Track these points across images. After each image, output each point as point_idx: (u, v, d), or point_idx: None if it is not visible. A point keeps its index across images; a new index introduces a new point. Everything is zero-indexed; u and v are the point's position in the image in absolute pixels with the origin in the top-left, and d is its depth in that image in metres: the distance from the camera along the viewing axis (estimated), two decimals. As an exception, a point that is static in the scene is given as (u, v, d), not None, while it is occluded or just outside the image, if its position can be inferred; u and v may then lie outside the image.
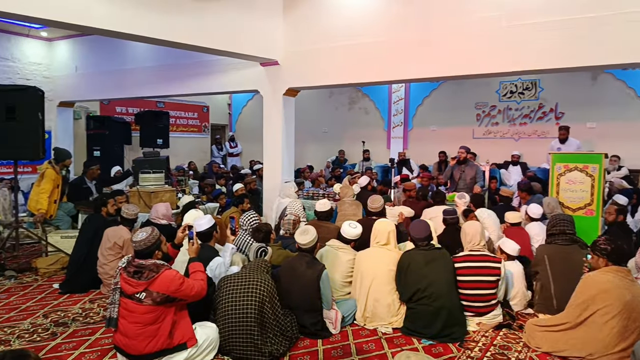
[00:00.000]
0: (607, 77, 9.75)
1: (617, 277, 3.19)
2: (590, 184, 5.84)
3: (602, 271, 3.28)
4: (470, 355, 3.40)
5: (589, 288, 3.23)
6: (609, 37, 4.91)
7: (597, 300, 3.17)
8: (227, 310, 3.29)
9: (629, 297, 3.12)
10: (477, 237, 3.96)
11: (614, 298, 3.12)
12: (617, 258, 3.28)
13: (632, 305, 3.12)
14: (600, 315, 3.15)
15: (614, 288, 3.14)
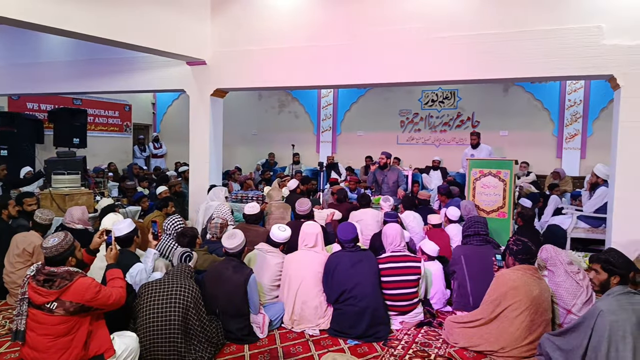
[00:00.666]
0: (517, 90, 10.56)
1: (525, 274, 3.46)
2: (503, 188, 6.28)
3: (513, 269, 3.54)
4: (393, 354, 3.52)
5: (501, 285, 3.48)
6: (514, 52, 5.33)
7: (508, 297, 3.41)
8: (148, 318, 3.15)
9: (536, 292, 3.39)
10: (397, 238, 4.12)
11: (522, 294, 3.37)
12: (523, 257, 3.55)
13: (539, 301, 3.39)
14: (511, 311, 3.39)
15: (523, 285, 3.40)
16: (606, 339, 2.76)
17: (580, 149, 10.08)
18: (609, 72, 5.00)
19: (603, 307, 2.83)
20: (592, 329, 2.84)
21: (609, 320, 2.77)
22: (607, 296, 2.94)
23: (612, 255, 3.05)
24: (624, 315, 2.77)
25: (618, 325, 2.76)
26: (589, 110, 10.01)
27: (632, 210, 4.94)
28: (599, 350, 2.79)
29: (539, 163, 10.10)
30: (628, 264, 3.09)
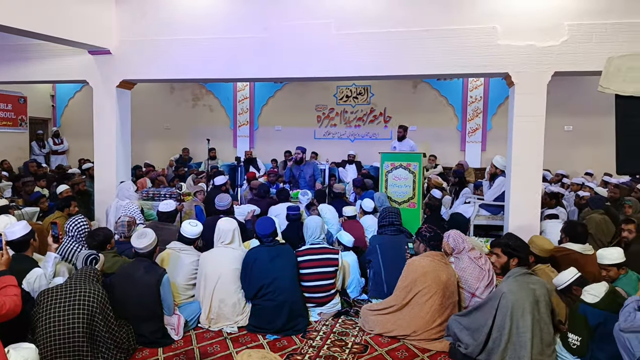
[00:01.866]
0: (425, 86, 11.13)
1: (434, 260, 3.67)
2: (412, 180, 6.59)
3: (422, 256, 3.74)
4: (312, 345, 3.57)
5: (412, 272, 3.66)
6: (420, 50, 5.60)
7: (418, 283, 3.59)
8: (49, 328, 2.91)
9: (444, 277, 3.60)
10: (317, 230, 4.18)
11: (431, 279, 3.57)
12: (434, 243, 3.76)
13: (447, 285, 3.61)
14: (421, 296, 3.57)
15: (432, 270, 3.60)
16: (509, 317, 3.03)
17: (481, 142, 10.87)
18: (505, 70, 5.42)
19: (505, 289, 3.10)
20: (496, 309, 3.10)
21: (511, 300, 3.05)
22: (507, 278, 3.22)
23: (511, 239, 3.35)
24: (523, 295, 3.06)
25: (518, 305, 3.03)
26: (488, 106, 10.82)
27: (525, 198, 5.42)
28: (503, 329, 3.05)
29: (445, 156, 10.74)
30: (525, 247, 3.40)
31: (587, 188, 7.43)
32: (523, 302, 3.04)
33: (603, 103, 8.61)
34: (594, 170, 9.64)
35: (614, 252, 3.64)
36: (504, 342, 3.05)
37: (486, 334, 3.13)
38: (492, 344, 3.11)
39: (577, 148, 10.23)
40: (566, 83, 8.20)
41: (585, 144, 10.11)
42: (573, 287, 3.54)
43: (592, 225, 5.32)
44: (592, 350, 3.13)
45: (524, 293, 3.07)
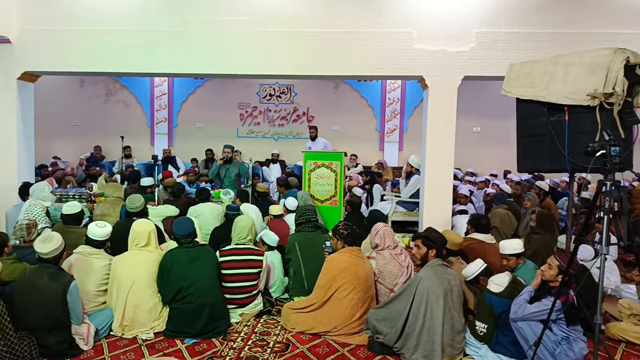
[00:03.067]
0: (346, 87, 11.39)
1: (352, 256, 3.76)
2: (334, 179, 6.71)
3: (340, 252, 3.82)
4: (232, 347, 3.51)
5: (331, 269, 3.72)
6: (340, 51, 5.72)
7: (337, 279, 3.66)
8: None
9: (361, 272, 3.71)
10: (245, 231, 4.12)
11: (350, 275, 3.66)
12: (351, 240, 3.85)
13: (364, 279, 3.72)
14: (341, 292, 3.65)
15: (351, 266, 3.69)
16: (424, 302, 3.21)
17: (398, 142, 11.33)
18: (419, 73, 5.70)
19: (422, 276, 3.31)
20: (413, 294, 3.26)
21: (427, 285, 3.24)
22: (425, 267, 3.42)
23: (430, 232, 3.56)
24: (438, 282, 3.26)
25: (433, 290, 3.22)
26: (405, 108, 11.30)
27: (438, 194, 5.73)
28: (419, 313, 3.23)
29: (366, 155, 11.06)
30: (442, 240, 3.60)
31: (494, 185, 8.00)
32: (438, 288, 3.23)
33: (507, 106, 9.30)
34: (501, 169, 10.39)
35: (514, 243, 3.95)
36: (419, 327, 3.22)
37: (403, 320, 3.28)
38: (408, 329, 3.27)
39: (484, 148, 10.99)
40: (475, 87, 8.76)
41: (492, 144, 10.89)
42: (480, 277, 3.80)
43: (496, 220, 5.74)
44: (497, 336, 3.38)
45: (439, 281, 3.27)
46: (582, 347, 3.10)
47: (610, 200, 2.55)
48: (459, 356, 3.28)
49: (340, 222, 4.04)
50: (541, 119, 3.76)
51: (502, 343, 3.35)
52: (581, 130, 3.46)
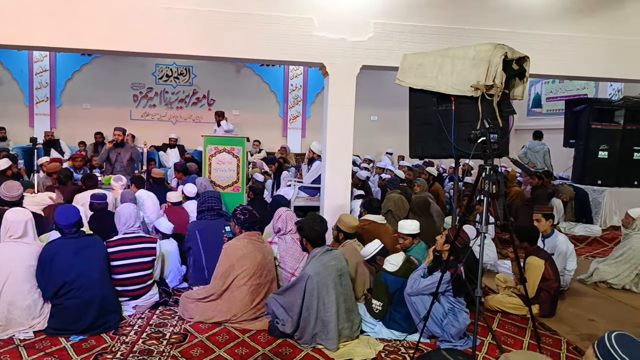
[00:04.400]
0: (248, 71, 11.20)
1: (250, 241, 3.71)
2: (237, 164, 6.58)
3: (238, 239, 3.76)
4: (125, 341, 3.31)
5: (229, 256, 3.64)
6: (242, 33, 5.57)
7: (236, 267, 3.60)
8: None
9: (260, 257, 3.68)
10: (131, 219, 3.88)
11: (249, 261, 3.61)
12: (250, 224, 3.79)
13: (263, 264, 3.69)
14: (240, 279, 3.59)
15: (249, 252, 3.64)
16: (315, 297, 3.27)
17: (301, 129, 11.43)
18: (320, 60, 5.74)
19: (310, 272, 3.32)
20: (304, 290, 3.29)
21: (316, 281, 3.29)
22: (312, 259, 3.44)
23: (304, 220, 3.62)
24: (326, 273, 3.32)
25: (323, 284, 3.29)
26: (307, 94, 11.41)
27: (338, 180, 5.88)
28: (311, 307, 3.28)
29: (269, 141, 11.01)
30: (311, 227, 3.62)
31: (388, 171, 8.40)
32: (326, 280, 3.30)
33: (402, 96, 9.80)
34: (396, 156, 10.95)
35: (412, 224, 4.19)
36: (312, 320, 3.28)
37: (298, 312, 3.32)
38: (303, 322, 3.32)
39: (381, 136, 11.49)
40: (372, 77, 9.09)
41: (388, 133, 11.42)
42: (377, 257, 3.98)
43: (391, 204, 6.04)
44: (390, 313, 3.58)
45: (327, 272, 3.32)
46: (465, 318, 3.39)
47: (489, 183, 2.78)
48: (356, 333, 3.42)
49: (239, 207, 3.95)
50: (431, 108, 4.00)
51: (395, 319, 3.55)
52: (465, 119, 3.75)
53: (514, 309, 4.05)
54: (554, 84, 11.12)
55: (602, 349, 1.45)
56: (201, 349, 3.24)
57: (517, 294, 4.11)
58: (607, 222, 7.33)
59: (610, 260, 4.99)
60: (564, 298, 4.47)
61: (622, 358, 1.39)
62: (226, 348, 3.26)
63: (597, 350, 1.46)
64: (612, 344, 1.43)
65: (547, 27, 6.05)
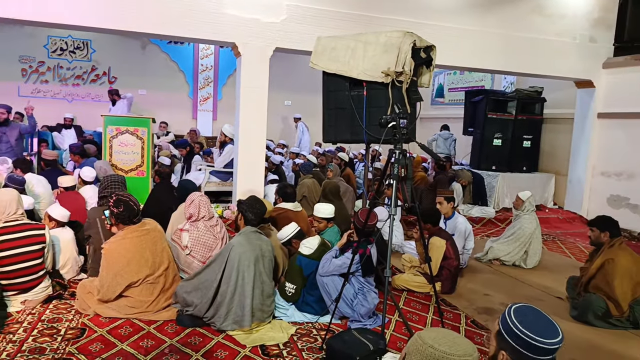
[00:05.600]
0: (154, 48, 10.56)
1: (132, 240, 3.34)
2: (141, 147, 6.20)
3: (119, 238, 3.36)
4: (12, 340, 2.98)
5: (112, 265, 3.28)
6: (149, 6, 5.21)
7: (123, 275, 3.28)
8: None
9: (148, 253, 3.35)
10: (13, 205, 3.48)
11: (137, 265, 3.28)
12: (127, 219, 3.38)
13: (154, 258, 3.38)
14: (131, 283, 3.31)
15: (135, 254, 3.31)
16: (236, 269, 3.19)
17: (212, 111, 11.05)
18: (232, 40, 5.56)
19: (235, 243, 3.29)
20: (225, 262, 3.21)
21: (239, 252, 3.23)
22: (239, 234, 3.40)
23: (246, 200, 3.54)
24: (250, 248, 3.28)
25: (245, 256, 3.23)
26: (218, 75, 11.04)
27: (251, 164, 5.77)
28: (230, 280, 3.19)
29: (177, 123, 10.53)
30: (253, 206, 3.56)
31: (302, 156, 8.43)
32: (249, 254, 3.25)
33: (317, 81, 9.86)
34: (311, 141, 10.99)
35: (327, 208, 4.22)
36: (230, 293, 3.19)
37: (215, 288, 3.21)
38: (220, 297, 3.22)
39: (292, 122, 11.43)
40: (286, 60, 9.01)
41: (305, 118, 11.43)
42: (293, 240, 3.97)
43: (305, 189, 6.07)
44: (304, 296, 3.59)
45: (251, 247, 3.28)
46: (374, 298, 3.50)
47: (398, 167, 2.87)
48: (268, 319, 3.38)
49: (113, 196, 3.42)
50: (344, 92, 4.04)
51: (308, 302, 3.58)
52: (376, 105, 3.83)
53: (418, 287, 4.26)
54: (455, 75, 11.82)
55: (502, 317, 1.57)
56: (101, 343, 3.01)
57: (422, 272, 4.32)
58: (500, 204, 7.99)
59: (502, 239, 5.43)
60: (463, 275, 4.79)
61: (514, 322, 1.52)
62: (129, 341, 3.06)
63: (500, 318, 1.58)
64: (509, 313, 1.55)
65: (452, 20, 6.39)
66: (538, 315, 1.57)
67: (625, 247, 3.87)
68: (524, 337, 1.51)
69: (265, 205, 3.65)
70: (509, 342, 1.54)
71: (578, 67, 7.36)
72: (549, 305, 4.10)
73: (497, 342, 1.59)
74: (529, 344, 1.51)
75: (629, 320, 3.65)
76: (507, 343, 1.54)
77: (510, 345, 1.54)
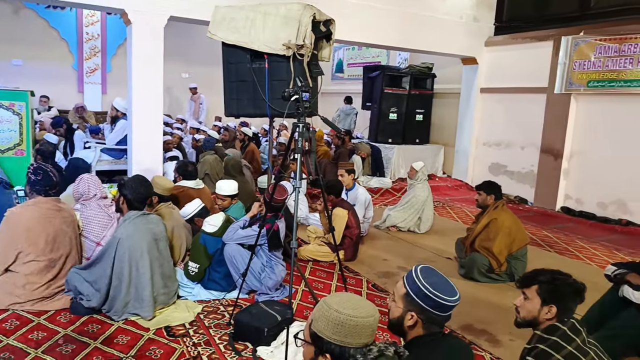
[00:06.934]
0: (30, 13, 9.44)
1: (40, 209, 3.13)
2: (19, 123, 5.58)
3: (25, 205, 3.15)
4: None
5: (11, 228, 3.00)
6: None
7: (20, 241, 3.01)
8: None
9: (51, 229, 3.11)
10: None
11: (37, 235, 3.04)
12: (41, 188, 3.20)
13: (56, 235, 3.13)
14: (25, 255, 3.02)
15: (37, 224, 3.07)
16: (127, 263, 2.99)
17: (101, 84, 10.21)
18: (121, 6, 5.14)
19: (121, 235, 3.03)
20: (113, 257, 2.99)
21: (127, 245, 3.01)
22: (124, 222, 3.14)
23: (127, 180, 3.29)
24: (140, 236, 3.06)
25: (136, 247, 3.03)
26: (107, 45, 10.18)
27: (147, 140, 5.47)
28: (122, 275, 3.00)
29: (61, 97, 9.59)
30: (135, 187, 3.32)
31: (202, 132, 8.16)
32: (141, 243, 3.05)
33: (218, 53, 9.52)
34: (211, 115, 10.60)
35: (231, 184, 4.15)
36: (124, 287, 3.01)
37: (107, 283, 3.02)
38: (113, 291, 3.02)
39: (197, 94, 10.95)
40: (183, 30, 8.56)
41: (204, 92, 11.00)
42: (195, 218, 3.87)
43: (207, 166, 5.92)
44: (209, 273, 3.54)
45: (141, 235, 3.07)
46: (282, 270, 3.56)
47: (302, 140, 2.90)
48: (172, 299, 3.28)
49: (31, 165, 3.31)
50: (245, 65, 3.95)
51: (214, 279, 3.53)
52: (278, 78, 3.80)
53: (323, 256, 4.41)
54: (353, 51, 12.10)
55: (409, 280, 1.67)
56: (-18, 341, 2.72)
57: (326, 242, 4.47)
58: (396, 174, 8.46)
59: (398, 207, 5.78)
60: (364, 243, 5.03)
61: (423, 283, 1.63)
62: (16, 335, 2.79)
63: (405, 281, 1.68)
64: (417, 275, 1.66)
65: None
66: (439, 276, 1.70)
67: (506, 208, 4.33)
68: (433, 297, 1.61)
69: (151, 186, 3.43)
70: (419, 303, 1.63)
71: (464, 44, 7.92)
72: (440, 266, 4.46)
73: (404, 304, 1.67)
74: (438, 303, 1.62)
75: (507, 274, 4.12)
76: (416, 304, 1.64)
77: (420, 306, 1.63)
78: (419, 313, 1.64)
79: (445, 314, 1.65)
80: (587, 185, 6.80)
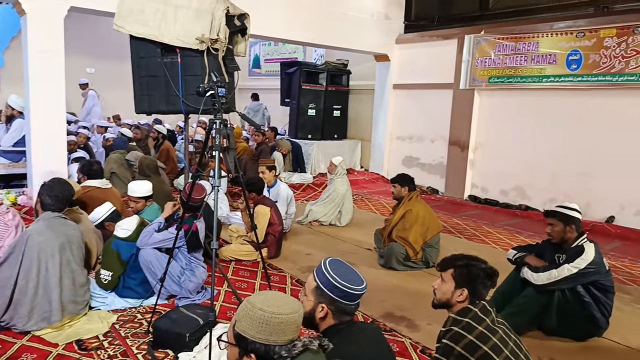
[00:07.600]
0: None
1: None
2: None
3: None
4: None
5: None
6: None
7: None
8: None
9: None
10: None
11: None
12: None
13: None
14: None
15: None
16: (36, 260, 2.79)
17: (-8, 80, 9.25)
18: (12, -5, 4.69)
19: (32, 232, 2.88)
20: (22, 254, 2.78)
21: (38, 241, 2.82)
22: (37, 221, 2.96)
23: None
24: (53, 236, 2.88)
25: (47, 245, 2.83)
26: (-2, 37, 9.24)
27: (49, 141, 5.05)
28: (30, 273, 2.78)
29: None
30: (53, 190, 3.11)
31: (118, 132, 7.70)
32: (53, 242, 2.85)
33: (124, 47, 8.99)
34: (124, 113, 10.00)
35: (144, 185, 3.93)
36: (32, 287, 2.77)
37: (12, 285, 2.76)
38: (19, 294, 2.77)
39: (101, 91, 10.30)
40: (88, 22, 7.99)
41: (110, 87, 10.35)
42: (105, 223, 3.63)
43: (113, 165, 5.62)
44: (124, 281, 3.35)
45: (54, 234, 2.88)
46: (202, 272, 3.46)
47: (219, 137, 2.83)
48: (83, 310, 3.06)
49: None
50: (156, 59, 3.77)
51: (129, 286, 3.35)
52: (192, 73, 3.68)
53: (246, 255, 4.35)
54: (270, 47, 12.03)
55: (319, 273, 1.71)
56: None
57: (249, 241, 4.41)
58: (316, 170, 8.57)
59: (319, 202, 5.86)
60: (287, 239, 5.03)
61: (332, 275, 1.69)
62: None
63: (315, 275, 1.72)
64: (325, 267, 1.71)
65: (263, -10, 6.42)
66: (346, 267, 1.78)
67: (420, 199, 4.54)
68: (341, 287, 1.68)
69: (72, 188, 3.22)
70: (328, 295, 1.69)
71: (376, 41, 8.18)
72: (361, 257, 4.60)
73: (315, 297, 1.72)
74: (345, 292, 1.69)
75: (423, 261, 4.33)
76: (326, 296, 1.69)
77: (329, 297, 1.69)
78: (329, 304, 1.70)
79: (353, 303, 1.72)
80: (491, 174, 7.35)
